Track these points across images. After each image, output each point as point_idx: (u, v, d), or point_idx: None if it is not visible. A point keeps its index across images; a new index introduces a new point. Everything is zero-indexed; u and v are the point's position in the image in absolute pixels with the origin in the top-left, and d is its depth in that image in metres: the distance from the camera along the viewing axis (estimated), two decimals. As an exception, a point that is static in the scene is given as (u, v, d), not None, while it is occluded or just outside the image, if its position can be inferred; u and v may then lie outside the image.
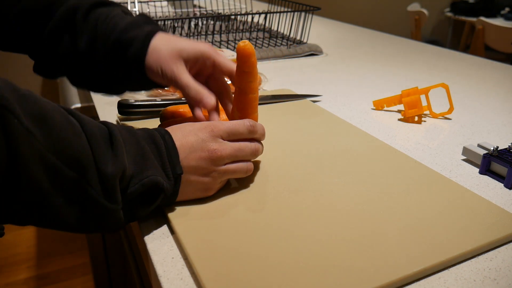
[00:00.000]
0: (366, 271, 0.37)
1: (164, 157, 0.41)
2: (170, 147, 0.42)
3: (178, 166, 0.42)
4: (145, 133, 0.42)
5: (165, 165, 0.41)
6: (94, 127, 0.37)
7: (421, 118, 0.74)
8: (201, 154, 0.43)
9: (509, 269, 0.40)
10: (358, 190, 0.49)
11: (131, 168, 0.38)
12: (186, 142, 0.43)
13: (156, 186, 0.40)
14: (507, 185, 0.53)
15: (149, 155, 0.40)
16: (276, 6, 1.35)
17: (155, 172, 0.39)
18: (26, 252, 1.65)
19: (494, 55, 3.13)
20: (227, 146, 0.45)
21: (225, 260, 0.37)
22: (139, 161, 0.39)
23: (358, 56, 1.19)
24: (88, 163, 0.34)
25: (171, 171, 0.41)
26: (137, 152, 0.39)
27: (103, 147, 0.36)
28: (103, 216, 0.37)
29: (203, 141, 0.44)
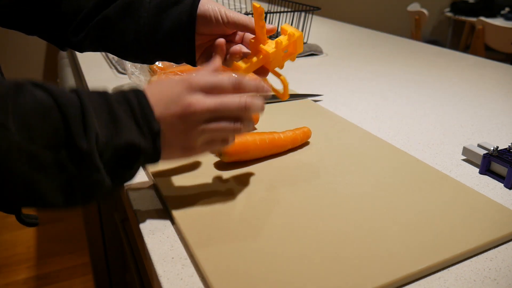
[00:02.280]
0: (366, 271, 0.37)
1: (137, 116, 0.39)
2: (144, 105, 0.39)
3: (154, 122, 0.39)
4: (119, 95, 0.40)
5: (140, 124, 0.39)
6: (65, 100, 0.35)
7: None
8: (175, 109, 0.40)
9: (509, 269, 0.40)
10: (360, 189, 0.49)
11: (104, 134, 0.37)
12: (162, 97, 0.41)
13: (133, 148, 0.38)
14: (507, 185, 0.53)
15: (122, 117, 0.38)
16: (276, 6, 1.35)
17: (129, 134, 0.38)
18: (26, 252, 1.65)
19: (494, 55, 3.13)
20: (205, 101, 0.41)
21: (230, 258, 0.38)
22: (111, 126, 0.38)
23: (358, 56, 1.19)
24: (63, 143, 0.34)
25: (147, 129, 0.39)
26: (109, 117, 0.38)
27: (76, 122, 0.35)
28: (90, 188, 0.37)
29: (178, 95, 0.41)
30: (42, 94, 0.35)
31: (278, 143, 0.56)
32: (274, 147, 0.56)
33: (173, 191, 0.48)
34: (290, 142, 0.58)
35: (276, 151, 0.57)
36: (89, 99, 0.37)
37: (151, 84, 0.42)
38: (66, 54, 1.42)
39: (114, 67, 0.97)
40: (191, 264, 0.39)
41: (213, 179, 0.51)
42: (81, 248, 1.66)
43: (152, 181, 0.51)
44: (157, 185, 0.49)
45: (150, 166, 0.43)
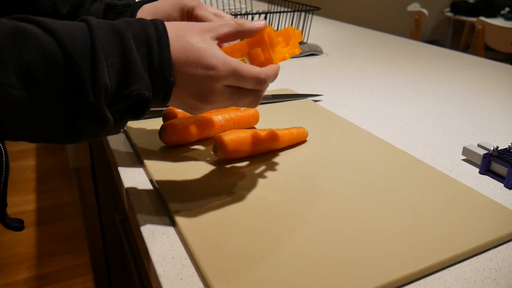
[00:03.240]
0: (366, 271, 0.37)
1: (154, 65, 0.37)
2: (164, 54, 0.37)
3: (170, 77, 0.38)
4: (140, 30, 0.37)
5: (154, 77, 0.37)
6: (73, 47, 0.33)
7: None
8: (193, 93, 0.40)
9: (509, 269, 0.40)
10: (360, 188, 0.49)
11: (114, 83, 0.35)
12: (183, 71, 0.39)
13: (142, 100, 0.37)
14: (507, 185, 0.53)
15: (137, 65, 0.36)
16: (276, 6, 1.35)
17: (140, 86, 0.36)
18: (26, 252, 1.65)
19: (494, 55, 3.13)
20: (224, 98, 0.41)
21: (230, 258, 0.38)
22: (123, 74, 0.36)
23: (358, 56, 1.19)
24: (70, 96, 0.33)
25: (160, 83, 0.38)
26: (123, 64, 0.36)
27: (84, 74, 0.33)
28: (94, 130, 0.37)
29: (201, 83, 0.39)
30: (47, 41, 0.32)
31: (275, 138, 0.57)
32: (271, 143, 0.56)
33: (173, 191, 0.48)
34: (286, 137, 0.58)
35: (273, 147, 0.57)
36: (103, 38, 0.35)
37: (176, 27, 0.40)
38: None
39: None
40: (191, 264, 0.39)
41: (213, 179, 0.51)
42: (81, 248, 1.66)
43: (152, 181, 0.51)
44: (157, 185, 0.49)
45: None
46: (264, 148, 0.56)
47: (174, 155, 0.56)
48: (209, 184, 0.49)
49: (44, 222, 1.82)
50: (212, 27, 0.41)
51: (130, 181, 0.51)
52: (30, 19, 0.33)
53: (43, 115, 0.33)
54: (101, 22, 0.36)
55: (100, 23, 0.35)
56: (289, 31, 0.48)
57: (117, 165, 0.55)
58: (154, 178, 0.50)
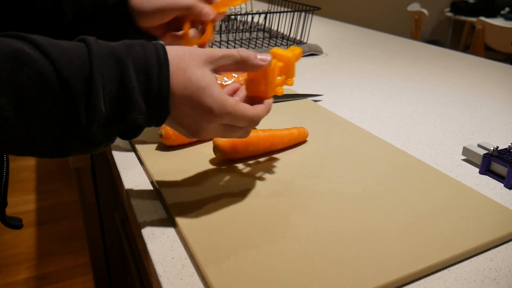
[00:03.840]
0: (366, 271, 0.37)
1: (151, 95, 0.36)
2: (162, 86, 0.37)
3: (167, 108, 0.38)
4: (141, 57, 0.37)
5: (150, 106, 0.37)
6: (69, 73, 0.32)
7: None
8: (188, 124, 0.40)
9: (509, 269, 0.40)
10: (360, 188, 0.49)
11: (109, 110, 0.35)
12: (179, 107, 0.39)
13: (135, 126, 0.38)
14: (507, 185, 0.53)
15: (134, 93, 0.36)
16: (276, 6, 1.35)
17: (136, 114, 0.36)
18: (26, 252, 1.65)
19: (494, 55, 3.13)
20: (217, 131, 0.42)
21: (230, 258, 0.38)
22: (120, 103, 0.35)
23: (358, 56, 1.19)
24: (62, 121, 0.33)
25: (156, 112, 0.38)
26: (120, 91, 0.35)
27: (79, 100, 0.33)
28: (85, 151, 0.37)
29: (196, 121, 0.40)
30: (44, 66, 0.31)
31: (275, 138, 0.57)
32: (271, 143, 0.56)
33: (173, 191, 0.48)
34: (287, 137, 0.58)
35: (273, 147, 0.57)
36: (102, 66, 0.34)
37: (177, 55, 0.39)
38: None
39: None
40: (191, 264, 0.39)
41: (213, 178, 0.51)
42: (81, 248, 1.66)
43: (152, 181, 0.51)
44: (157, 185, 0.49)
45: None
46: (264, 148, 0.56)
47: (174, 156, 0.56)
48: (209, 184, 0.49)
49: (44, 222, 1.82)
50: (214, 58, 0.40)
51: (130, 181, 0.51)
52: (28, 38, 0.32)
53: (33, 134, 0.33)
54: (101, 46, 0.35)
55: (100, 47, 0.35)
56: (291, 58, 0.48)
57: (117, 165, 0.55)
58: (154, 179, 0.50)
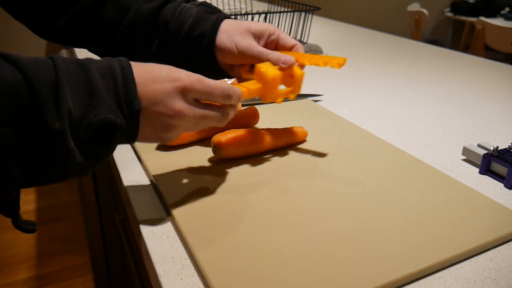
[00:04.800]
0: (366, 271, 0.37)
1: (119, 91, 0.38)
2: (128, 82, 0.38)
3: (136, 102, 0.38)
4: (104, 64, 0.38)
5: (120, 101, 0.37)
6: (36, 75, 0.33)
7: None
8: (162, 109, 0.40)
9: (509, 269, 0.40)
10: (360, 188, 0.49)
11: (79, 110, 0.35)
12: (150, 90, 0.39)
13: (109, 124, 0.37)
14: (507, 185, 0.53)
15: (101, 91, 0.37)
16: (276, 6, 1.35)
17: (105, 110, 0.36)
18: (26, 252, 1.65)
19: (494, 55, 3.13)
20: (192, 112, 0.42)
21: (230, 258, 0.38)
22: (88, 99, 0.36)
23: (358, 56, 1.19)
24: (33, 124, 0.33)
25: (126, 107, 0.38)
26: (87, 90, 0.36)
27: (47, 101, 0.33)
28: (60, 167, 0.36)
29: (169, 96, 0.40)
30: (10, 72, 0.32)
31: (274, 138, 0.57)
32: (271, 142, 0.56)
33: (173, 190, 0.48)
34: (286, 137, 0.58)
35: (273, 146, 0.57)
36: (67, 69, 0.36)
37: (139, 64, 0.41)
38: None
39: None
40: (191, 264, 0.39)
41: (213, 178, 0.51)
42: (81, 248, 1.66)
43: (151, 181, 0.51)
44: (157, 184, 0.49)
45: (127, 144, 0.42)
46: (263, 147, 0.56)
47: (174, 155, 0.56)
48: (209, 184, 0.49)
49: (44, 222, 1.82)
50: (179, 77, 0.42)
51: (130, 181, 0.51)
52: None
53: (7, 148, 0.33)
54: (65, 58, 0.37)
55: (64, 58, 0.37)
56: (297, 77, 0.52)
57: (117, 165, 0.55)
58: (154, 178, 0.50)
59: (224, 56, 0.54)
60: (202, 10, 0.56)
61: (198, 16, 0.55)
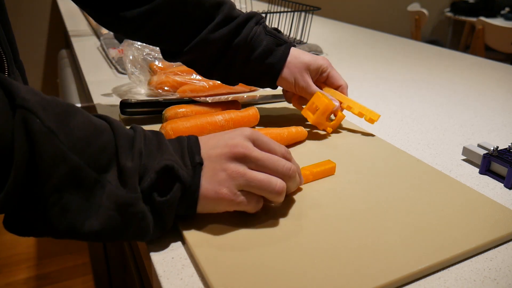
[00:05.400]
0: (366, 271, 0.37)
1: (184, 150, 0.40)
2: (193, 143, 0.41)
3: (198, 155, 0.40)
4: (175, 141, 0.42)
5: (184, 156, 0.40)
6: (118, 126, 0.38)
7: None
8: (222, 149, 0.41)
9: (509, 269, 0.40)
10: (359, 188, 0.49)
11: (148, 162, 0.38)
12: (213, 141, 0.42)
13: (169, 171, 0.38)
14: (507, 185, 0.53)
15: (168, 148, 0.40)
16: (276, 6, 1.35)
17: (168, 157, 0.38)
18: (26, 252, 1.65)
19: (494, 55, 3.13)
20: (254, 149, 0.41)
21: (230, 258, 0.38)
22: (156, 154, 0.38)
23: (358, 56, 1.19)
24: (109, 160, 0.35)
25: (188, 159, 0.40)
26: (156, 147, 0.39)
27: (125, 144, 0.37)
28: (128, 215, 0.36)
29: (229, 137, 0.42)
30: (97, 118, 0.37)
31: (273, 137, 0.57)
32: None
33: (173, 191, 0.48)
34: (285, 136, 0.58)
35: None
36: (143, 133, 0.40)
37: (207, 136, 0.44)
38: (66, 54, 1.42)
39: (114, 67, 0.97)
40: (191, 264, 0.39)
41: (213, 179, 0.50)
42: (81, 248, 1.66)
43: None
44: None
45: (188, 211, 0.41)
46: None
47: (174, 155, 0.56)
48: (209, 184, 0.49)
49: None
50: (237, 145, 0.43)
51: (130, 181, 0.51)
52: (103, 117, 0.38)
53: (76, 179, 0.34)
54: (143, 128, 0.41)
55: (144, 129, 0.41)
56: (339, 117, 0.65)
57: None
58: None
59: (282, 83, 0.64)
60: (272, 42, 0.62)
61: (267, 48, 0.62)
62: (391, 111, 0.78)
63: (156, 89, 0.77)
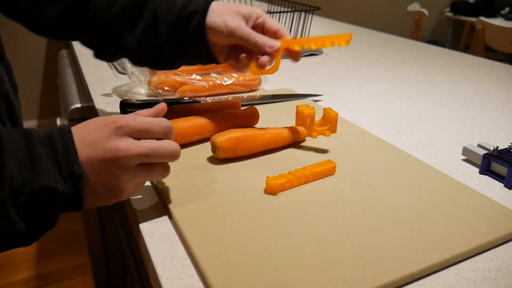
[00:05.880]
0: (366, 271, 0.37)
1: (59, 158, 0.37)
2: (68, 147, 0.38)
3: (77, 166, 0.37)
4: (44, 134, 0.38)
5: (60, 166, 0.37)
6: None
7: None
8: (104, 154, 0.38)
9: (509, 269, 0.40)
10: (359, 188, 0.49)
11: (19, 178, 0.35)
12: (89, 140, 0.39)
13: (50, 191, 0.36)
14: (507, 185, 0.53)
15: (42, 159, 0.36)
16: (276, 6, 1.35)
17: (46, 177, 0.36)
18: (26, 252, 1.65)
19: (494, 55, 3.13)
20: (136, 146, 0.39)
21: (230, 258, 0.38)
22: (29, 167, 0.36)
23: (358, 56, 1.19)
24: None
25: (67, 172, 0.37)
26: (27, 157, 0.36)
27: None
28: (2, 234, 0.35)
29: (107, 138, 0.39)
30: None
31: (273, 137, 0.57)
32: (269, 142, 0.57)
33: (173, 190, 0.48)
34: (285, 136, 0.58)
35: (272, 146, 0.57)
36: (10, 138, 0.36)
37: (79, 126, 0.40)
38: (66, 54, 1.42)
39: (114, 67, 0.97)
40: (191, 264, 0.39)
41: (212, 178, 0.51)
42: (81, 248, 1.66)
43: (152, 181, 0.51)
44: (157, 184, 0.49)
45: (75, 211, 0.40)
46: (263, 147, 0.56)
47: (174, 155, 0.56)
48: (209, 183, 0.49)
49: (44, 222, 1.81)
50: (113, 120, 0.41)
51: (130, 181, 0.51)
52: None
53: None
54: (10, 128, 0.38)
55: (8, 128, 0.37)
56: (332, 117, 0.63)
57: (117, 165, 0.55)
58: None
59: (214, 35, 0.55)
60: None
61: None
62: (391, 111, 0.78)
63: (156, 89, 0.77)
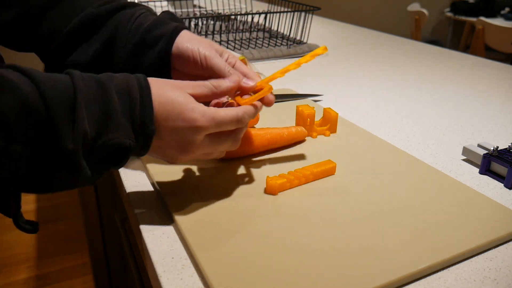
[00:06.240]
0: (366, 271, 0.37)
1: (135, 114, 0.38)
2: (146, 106, 0.38)
3: (152, 126, 0.38)
4: (122, 83, 0.38)
5: (135, 123, 0.38)
6: (53, 93, 0.33)
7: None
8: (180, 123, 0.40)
9: (509, 269, 0.40)
10: (359, 188, 0.49)
11: (94, 131, 0.35)
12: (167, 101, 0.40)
13: (122, 148, 0.37)
14: (507, 185, 0.53)
15: (117, 114, 0.37)
16: (276, 6, 1.35)
17: (120, 134, 0.37)
18: (26, 252, 1.65)
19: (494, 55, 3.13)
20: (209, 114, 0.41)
21: (230, 258, 0.38)
22: (103, 121, 0.36)
23: (358, 56, 1.19)
24: (47, 143, 0.33)
25: (140, 130, 0.38)
26: (103, 111, 0.36)
27: (63, 120, 0.33)
28: (71, 180, 0.36)
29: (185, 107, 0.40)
30: (28, 88, 0.32)
31: (274, 137, 0.57)
32: (270, 142, 0.57)
33: (173, 191, 0.48)
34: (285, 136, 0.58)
35: (272, 146, 0.57)
36: (85, 87, 0.35)
37: (156, 81, 0.41)
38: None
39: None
40: (191, 264, 0.39)
41: (213, 178, 0.51)
42: (81, 248, 1.66)
43: (152, 181, 0.51)
44: (157, 185, 0.49)
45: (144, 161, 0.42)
46: (263, 147, 0.56)
47: (174, 155, 0.56)
48: (209, 183, 0.50)
49: (44, 222, 1.82)
50: (190, 85, 0.42)
51: (130, 181, 0.51)
52: (17, 67, 0.34)
53: (18, 163, 0.33)
54: (83, 74, 0.37)
55: (82, 74, 0.36)
56: (332, 117, 0.63)
57: (117, 165, 0.55)
58: (154, 179, 0.50)
59: (181, 62, 0.49)
60: (165, 16, 0.52)
61: (159, 20, 0.50)
62: (391, 111, 0.78)
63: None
